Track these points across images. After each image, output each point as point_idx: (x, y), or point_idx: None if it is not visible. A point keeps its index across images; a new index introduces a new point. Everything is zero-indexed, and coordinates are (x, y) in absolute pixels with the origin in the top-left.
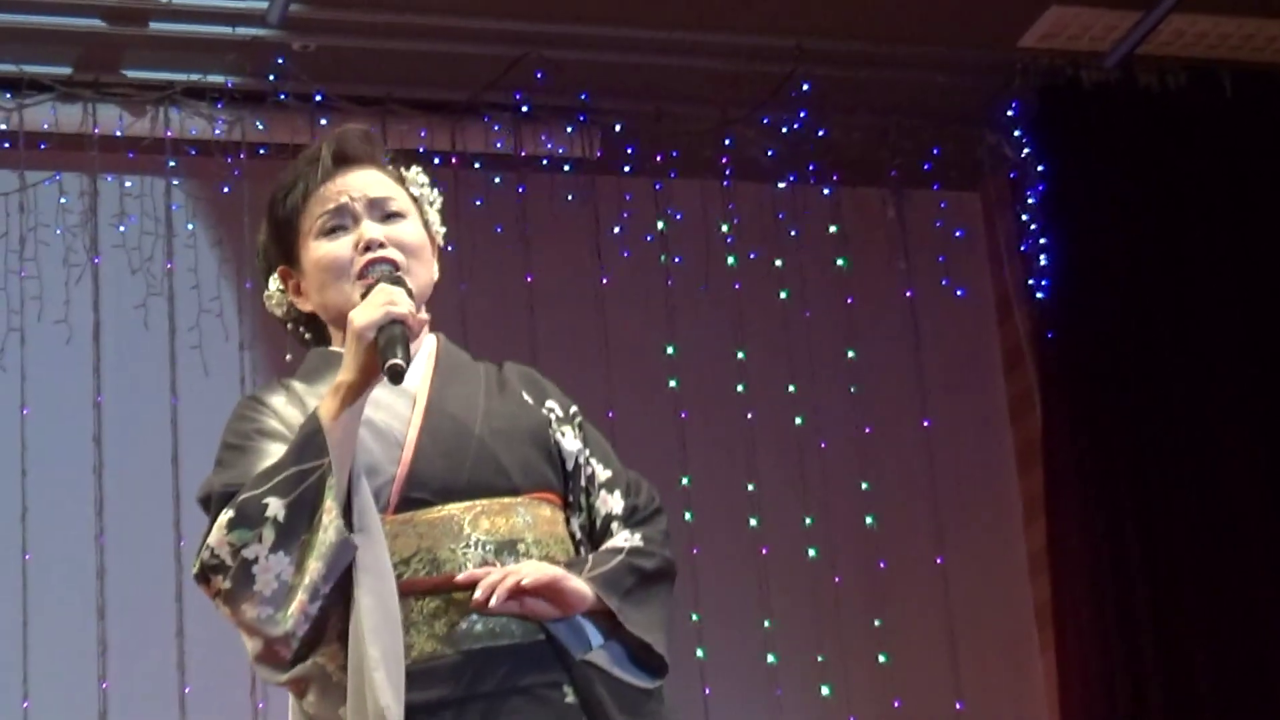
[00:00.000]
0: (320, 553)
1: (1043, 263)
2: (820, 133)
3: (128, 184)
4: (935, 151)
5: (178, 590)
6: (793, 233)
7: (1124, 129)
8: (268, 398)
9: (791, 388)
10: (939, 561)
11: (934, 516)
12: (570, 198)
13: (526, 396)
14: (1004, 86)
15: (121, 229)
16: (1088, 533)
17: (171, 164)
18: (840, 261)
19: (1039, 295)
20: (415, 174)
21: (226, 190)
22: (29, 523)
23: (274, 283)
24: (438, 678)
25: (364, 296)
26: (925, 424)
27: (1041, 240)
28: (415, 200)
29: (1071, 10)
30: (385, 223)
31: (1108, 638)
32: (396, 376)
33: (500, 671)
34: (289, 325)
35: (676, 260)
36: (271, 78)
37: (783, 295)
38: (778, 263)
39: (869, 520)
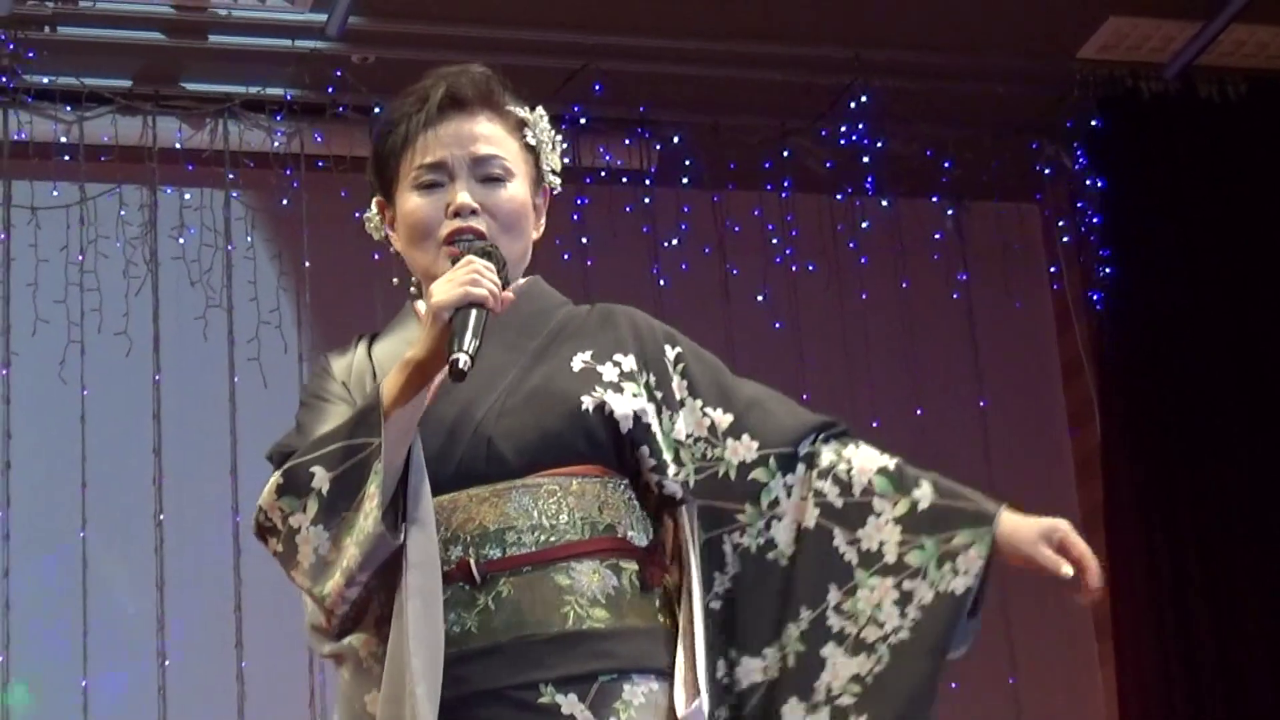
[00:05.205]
0: (358, 539)
1: (1102, 274)
2: (879, 144)
3: (187, 196)
4: (994, 163)
5: (237, 601)
6: (851, 244)
7: (1184, 140)
8: (332, 359)
9: (851, 398)
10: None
11: None
12: (628, 210)
13: (581, 356)
14: (1063, 98)
15: (181, 241)
16: (1147, 544)
17: (230, 176)
18: (899, 273)
19: (1098, 307)
20: (537, 117)
21: (285, 202)
22: (89, 534)
23: (373, 207)
24: None
25: (454, 264)
26: (984, 435)
27: (1101, 252)
28: (532, 149)
29: (1131, 21)
30: (485, 185)
31: (1167, 651)
32: (457, 374)
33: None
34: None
35: (734, 272)
36: (330, 90)
37: (842, 307)
38: (836, 275)
39: None
